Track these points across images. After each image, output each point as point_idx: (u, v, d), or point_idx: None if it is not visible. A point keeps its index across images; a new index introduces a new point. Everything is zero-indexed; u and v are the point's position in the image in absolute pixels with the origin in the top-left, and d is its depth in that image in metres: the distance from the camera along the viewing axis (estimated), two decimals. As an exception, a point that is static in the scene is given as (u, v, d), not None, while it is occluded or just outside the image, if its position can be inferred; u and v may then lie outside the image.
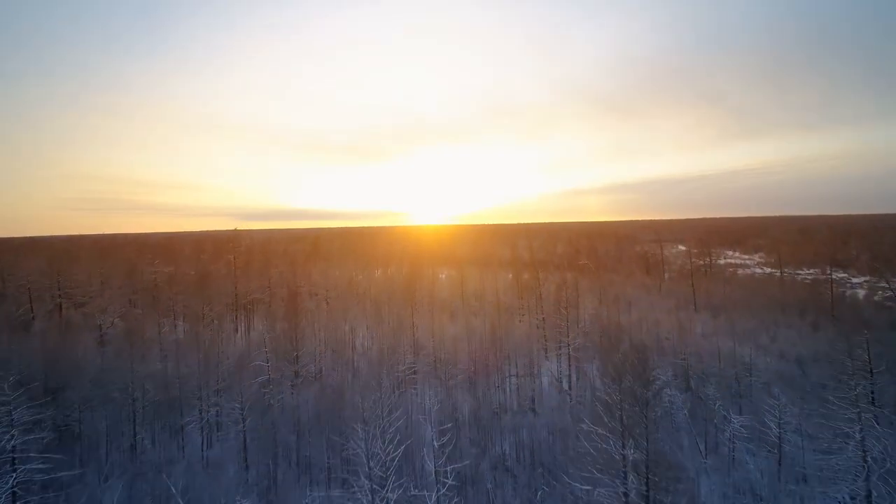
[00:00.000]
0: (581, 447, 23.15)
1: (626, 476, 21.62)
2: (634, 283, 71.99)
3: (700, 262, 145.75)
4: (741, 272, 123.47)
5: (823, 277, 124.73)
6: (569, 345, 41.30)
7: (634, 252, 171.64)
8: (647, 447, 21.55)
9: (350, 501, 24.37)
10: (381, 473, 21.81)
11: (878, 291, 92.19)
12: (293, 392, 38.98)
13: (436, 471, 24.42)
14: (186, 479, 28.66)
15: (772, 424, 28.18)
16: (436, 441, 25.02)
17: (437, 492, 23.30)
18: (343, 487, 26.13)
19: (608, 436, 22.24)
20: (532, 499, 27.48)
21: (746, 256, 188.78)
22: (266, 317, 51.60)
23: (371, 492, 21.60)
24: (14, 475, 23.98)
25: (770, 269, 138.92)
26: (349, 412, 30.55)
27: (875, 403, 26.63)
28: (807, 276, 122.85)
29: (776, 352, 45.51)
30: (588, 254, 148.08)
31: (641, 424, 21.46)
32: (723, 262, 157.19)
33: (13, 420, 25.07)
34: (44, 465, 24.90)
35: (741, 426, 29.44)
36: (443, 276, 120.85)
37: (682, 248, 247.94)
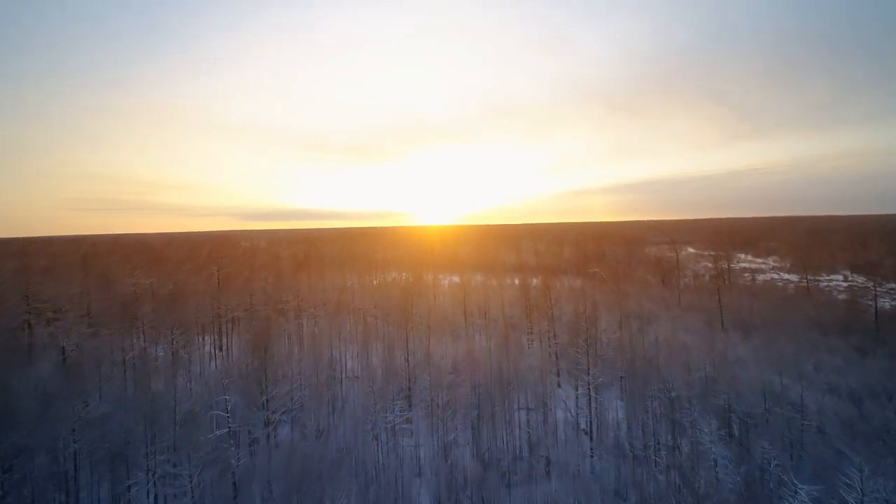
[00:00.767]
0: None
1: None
2: (651, 296, 66.42)
3: (715, 268, 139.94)
4: (759, 279, 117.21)
5: (846, 285, 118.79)
6: (589, 383, 35.63)
7: (645, 256, 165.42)
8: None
9: None
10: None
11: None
12: (259, 448, 32.96)
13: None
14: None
15: (852, 502, 22.44)
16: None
17: None
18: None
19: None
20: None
21: (760, 260, 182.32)
22: (240, 343, 45.36)
23: None
24: None
25: (787, 275, 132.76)
26: (328, 473, 25.09)
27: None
28: (828, 283, 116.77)
29: (824, 385, 39.65)
30: (597, 258, 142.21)
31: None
32: (737, 268, 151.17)
33: None
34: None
35: (810, 500, 23.61)
36: (445, 283, 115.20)
37: (692, 251, 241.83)
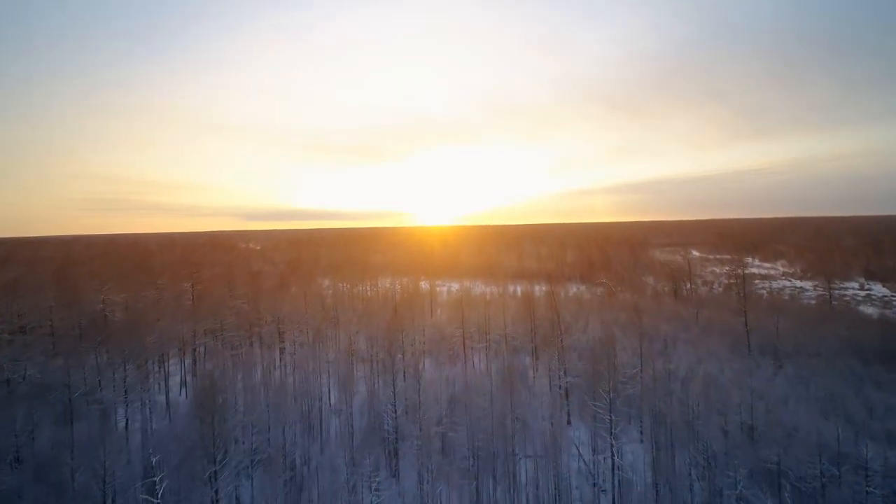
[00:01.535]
0: None
1: None
2: (665, 313, 61.36)
3: (728, 276, 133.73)
4: (772, 287, 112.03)
5: (864, 293, 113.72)
6: (611, 432, 30.56)
7: (651, 262, 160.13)
8: None
9: None
10: None
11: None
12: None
13: None
14: None
15: None
16: None
17: None
18: None
19: None
20: None
21: (768, 265, 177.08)
22: (196, 387, 37.97)
23: None
24: None
25: (799, 282, 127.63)
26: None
27: None
28: (844, 291, 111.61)
29: (881, 432, 34.24)
30: (602, 264, 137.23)
31: None
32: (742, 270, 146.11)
33: None
34: None
35: None
36: (444, 291, 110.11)
37: (697, 254, 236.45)
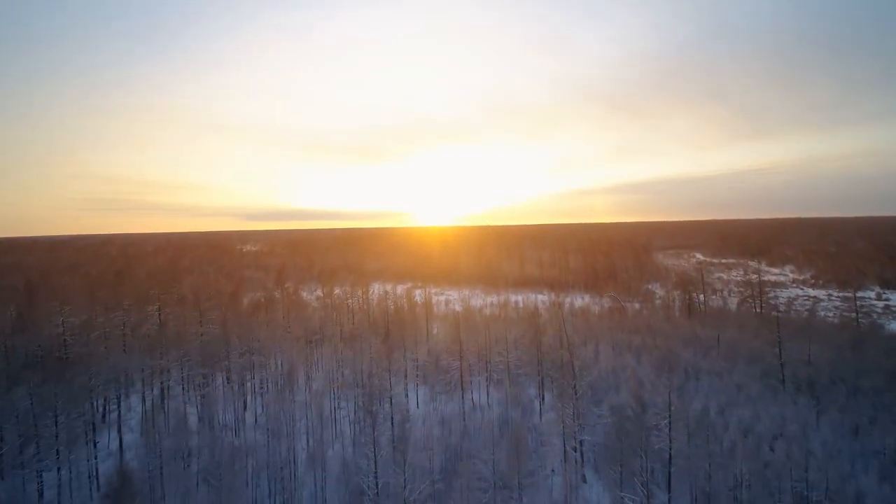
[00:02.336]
0: None
1: None
2: (682, 333, 56.17)
3: (736, 280, 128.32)
4: (784, 297, 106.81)
5: (883, 304, 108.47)
6: (644, 492, 25.42)
7: (657, 269, 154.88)
8: None
9: None
10: None
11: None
12: None
13: None
14: None
15: None
16: None
17: None
18: None
19: None
20: None
21: (776, 270, 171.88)
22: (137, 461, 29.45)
23: None
24: None
25: (812, 290, 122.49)
26: None
27: None
28: (861, 301, 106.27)
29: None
30: (606, 271, 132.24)
31: None
32: (753, 280, 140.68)
33: None
34: None
35: None
36: (442, 302, 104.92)
37: (701, 258, 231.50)
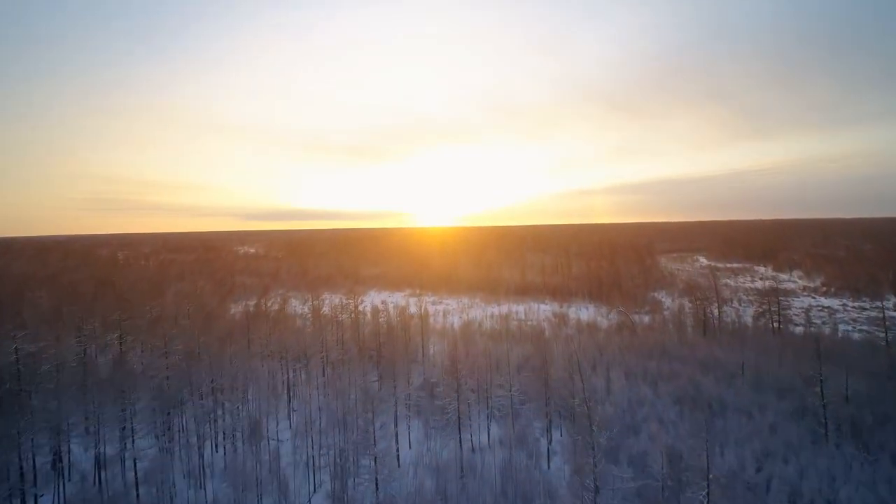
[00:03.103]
0: None
1: None
2: (701, 357, 51.36)
3: (745, 288, 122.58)
4: (798, 307, 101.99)
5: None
6: None
7: (663, 276, 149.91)
8: None
9: None
10: None
11: None
12: None
13: None
14: None
15: None
16: None
17: None
18: None
19: None
20: None
21: (784, 276, 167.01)
22: None
23: None
24: None
25: (825, 300, 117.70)
26: None
27: None
28: (882, 311, 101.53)
29: None
30: (611, 278, 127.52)
31: None
32: (763, 287, 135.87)
33: None
34: None
35: None
36: (439, 312, 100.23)
37: (705, 262, 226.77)
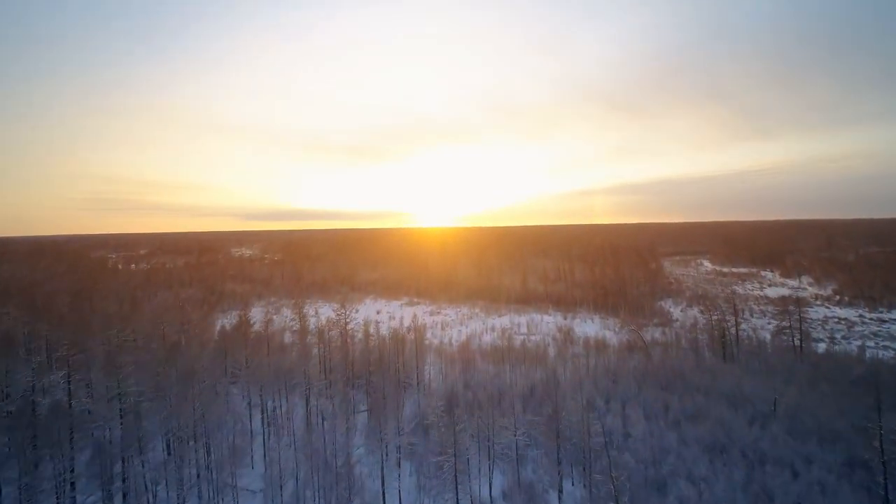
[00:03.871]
0: None
1: None
2: (726, 389, 46.23)
3: (758, 296, 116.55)
4: (812, 318, 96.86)
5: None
6: None
7: (670, 285, 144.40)
8: None
9: None
10: None
11: None
12: None
13: None
14: None
15: None
16: None
17: None
18: None
19: None
20: None
21: (792, 282, 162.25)
22: None
23: None
24: None
25: (839, 310, 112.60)
26: None
27: None
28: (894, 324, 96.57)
29: None
30: (616, 286, 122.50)
31: None
32: (775, 296, 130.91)
33: None
34: None
35: None
36: (437, 327, 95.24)
37: (710, 266, 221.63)
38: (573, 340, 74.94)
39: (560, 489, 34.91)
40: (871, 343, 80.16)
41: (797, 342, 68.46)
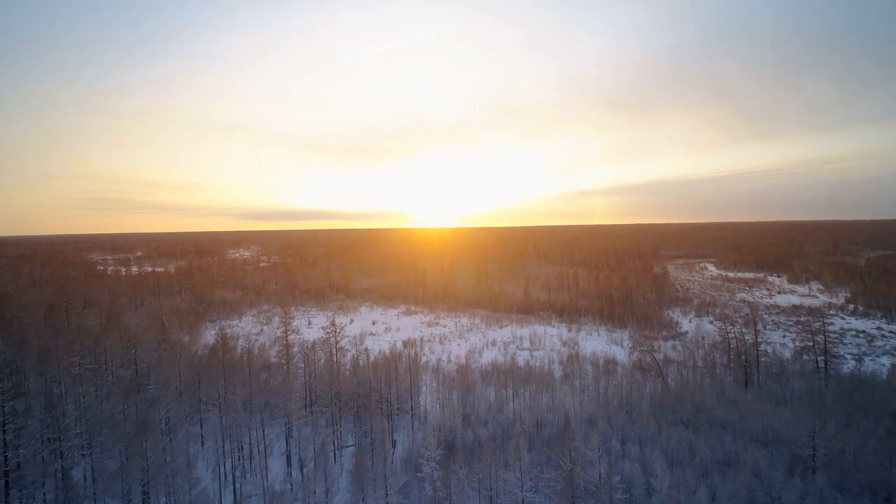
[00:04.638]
0: None
1: None
2: (753, 427, 41.55)
3: (769, 304, 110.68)
4: (829, 331, 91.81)
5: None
6: None
7: (675, 288, 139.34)
8: None
9: None
10: None
11: None
12: None
13: None
14: None
15: None
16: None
17: None
18: None
19: None
20: None
21: (801, 289, 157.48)
22: None
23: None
24: None
25: (855, 320, 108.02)
26: None
27: None
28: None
29: None
30: (621, 295, 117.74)
31: None
32: (786, 305, 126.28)
33: None
34: None
35: None
36: (434, 349, 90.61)
37: (714, 271, 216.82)
38: (580, 358, 70.21)
39: (574, 555, 30.17)
40: (896, 360, 75.48)
41: (821, 363, 63.87)
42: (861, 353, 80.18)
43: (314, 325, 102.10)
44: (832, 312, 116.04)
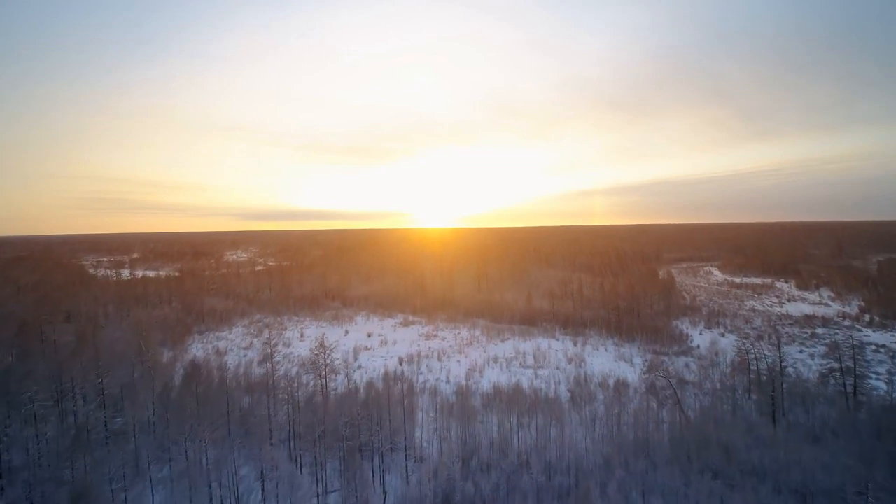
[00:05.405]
0: None
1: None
2: (795, 480, 36.99)
3: (781, 314, 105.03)
4: (847, 345, 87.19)
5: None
6: None
7: (682, 296, 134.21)
8: None
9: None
10: None
11: None
12: None
13: None
14: None
15: None
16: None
17: None
18: None
19: None
20: None
21: (811, 296, 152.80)
22: None
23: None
24: None
25: (870, 332, 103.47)
26: None
27: None
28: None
29: None
30: (628, 303, 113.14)
31: None
32: (800, 315, 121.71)
33: None
34: None
35: None
36: (431, 366, 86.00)
37: (719, 276, 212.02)
38: (587, 379, 65.65)
39: None
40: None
41: (849, 386, 59.30)
42: (889, 373, 75.47)
43: (307, 338, 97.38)
44: (847, 323, 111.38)
